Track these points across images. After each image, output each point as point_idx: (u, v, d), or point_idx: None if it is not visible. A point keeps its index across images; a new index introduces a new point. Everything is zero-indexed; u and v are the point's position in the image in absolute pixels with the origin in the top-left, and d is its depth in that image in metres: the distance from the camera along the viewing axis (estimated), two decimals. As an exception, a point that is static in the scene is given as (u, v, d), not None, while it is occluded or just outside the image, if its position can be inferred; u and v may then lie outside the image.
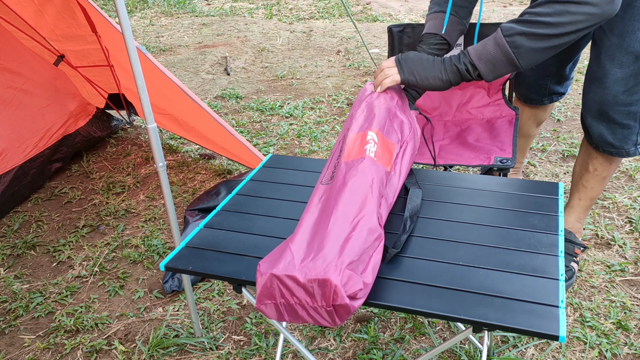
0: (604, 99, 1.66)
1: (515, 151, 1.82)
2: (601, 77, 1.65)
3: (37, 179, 2.61)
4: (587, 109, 1.72)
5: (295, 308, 0.98)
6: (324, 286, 0.95)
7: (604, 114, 1.68)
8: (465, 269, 1.10)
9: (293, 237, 1.06)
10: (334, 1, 6.28)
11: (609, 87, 1.63)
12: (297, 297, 0.97)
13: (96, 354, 1.73)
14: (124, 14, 1.27)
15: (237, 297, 1.93)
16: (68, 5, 2.55)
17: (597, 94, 1.67)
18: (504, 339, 1.69)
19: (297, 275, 0.96)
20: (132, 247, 2.22)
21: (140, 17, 5.91)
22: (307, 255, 1.00)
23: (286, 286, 0.97)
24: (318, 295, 0.96)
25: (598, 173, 1.82)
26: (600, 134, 1.72)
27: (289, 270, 0.97)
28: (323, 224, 1.06)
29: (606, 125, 1.70)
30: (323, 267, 0.96)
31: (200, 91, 3.80)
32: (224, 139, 2.47)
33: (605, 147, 1.74)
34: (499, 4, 5.91)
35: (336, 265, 0.96)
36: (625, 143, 1.71)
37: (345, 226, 1.04)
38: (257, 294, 1.00)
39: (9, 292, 2.01)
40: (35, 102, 2.62)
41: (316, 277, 0.95)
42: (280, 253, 1.03)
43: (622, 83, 1.61)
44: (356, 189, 1.11)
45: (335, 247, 1.00)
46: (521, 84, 2.07)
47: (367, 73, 4.02)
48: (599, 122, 1.71)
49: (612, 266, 1.96)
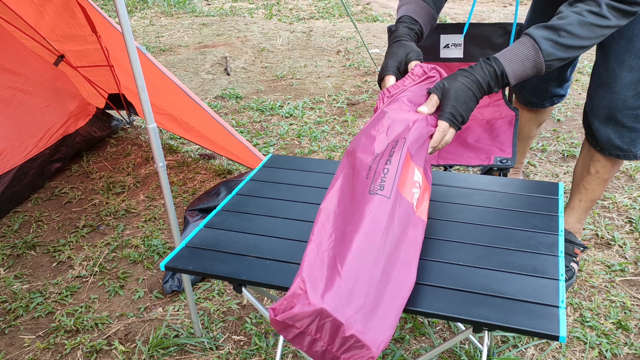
0: (613, 103, 1.64)
1: (515, 151, 1.82)
2: (610, 81, 1.63)
3: (37, 179, 2.61)
4: (595, 113, 1.70)
5: (314, 342, 0.91)
6: (359, 349, 0.89)
7: (613, 118, 1.66)
8: (465, 269, 1.10)
9: (343, 258, 0.95)
10: (334, 1, 6.28)
11: (618, 91, 1.62)
12: (325, 340, 0.90)
13: (96, 354, 1.73)
14: (124, 14, 1.27)
15: (237, 297, 1.93)
16: (68, 5, 2.55)
17: (606, 99, 1.65)
18: (504, 339, 1.69)
19: (344, 325, 0.88)
20: (132, 247, 2.22)
21: (140, 17, 5.91)
22: (363, 306, 0.91)
23: (324, 323, 0.89)
24: (346, 351, 0.90)
25: (600, 175, 1.81)
26: (608, 137, 1.71)
27: (339, 313, 0.89)
28: (384, 271, 0.97)
29: (614, 129, 1.68)
30: (371, 335, 0.89)
31: (200, 91, 3.80)
32: (224, 139, 2.47)
33: (612, 150, 1.73)
34: (499, 4, 5.91)
35: (382, 342, 0.90)
36: (634, 146, 1.70)
37: (402, 294, 0.98)
38: (288, 309, 0.91)
39: (9, 292, 2.01)
40: (35, 102, 2.62)
41: (360, 339, 0.88)
42: (328, 276, 0.93)
43: (631, 87, 1.60)
44: (412, 253, 1.05)
45: (390, 318, 0.93)
46: (523, 89, 2.06)
47: (367, 73, 4.02)
48: (606, 125, 1.69)
49: (612, 266, 1.96)
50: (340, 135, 3.06)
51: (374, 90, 3.70)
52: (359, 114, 3.33)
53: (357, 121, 3.23)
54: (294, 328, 0.91)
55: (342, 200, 1.09)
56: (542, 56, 1.25)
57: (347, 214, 1.05)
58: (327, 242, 1.00)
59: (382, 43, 4.67)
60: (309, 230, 1.25)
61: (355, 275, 0.93)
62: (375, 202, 1.02)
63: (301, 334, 0.91)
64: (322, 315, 0.88)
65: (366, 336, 0.89)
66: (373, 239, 0.98)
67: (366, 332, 0.89)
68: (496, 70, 1.25)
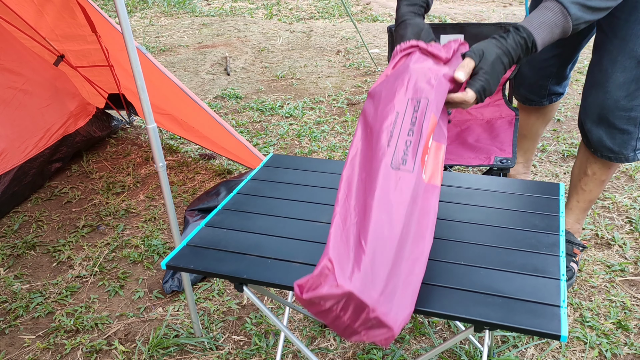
0: (605, 103, 1.63)
1: (515, 151, 1.82)
2: (602, 81, 1.62)
3: (37, 179, 2.61)
4: (587, 113, 1.70)
5: (337, 318, 0.93)
6: (380, 327, 0.91)
7: (604, 119, 1.66)
8: (466, 268, 1.10)
9: (366, 236, 0.95)
10: (334, 1, 6.28)
11: (610, 91, 1.61)
12: (348, 316, 0.92)
13: (96, 354, 1.73)
14: (124, 14, 1.27)
15: (237, 297, 1.93)
16: (68, 5, 2.55)
17: (598, 98, 1.64)
18: (504, 339, 1.69)
19: (369, 307, 0.90)
20: (132, 247, 2.22)
21: (140, 17, 5.91)
22: (385, 287, 0.93)
23: (350, 303, 0.91)
24: (369, 329, 0.92)
25: (597, 177, 1.80)
26: (600, 138, 1.70)
27: (365, 295, 0.90)
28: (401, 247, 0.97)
29: (605, 130, 1.67)
30: (392, 315, 0.91)
31: (200, 91, 3.80)
32: (224, 139, 2.47)
33: (604, 152, 1.72)
34: (499, 4, 5.91)
35: (402, 321, 0.93)
36: (625, 148, 1.68)
37: (415, 270, 0.99)
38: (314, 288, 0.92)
39: (9, 292, 2.01)
40: (35, 102, 2.62)
41: (383, 320, 0.90)
42: (355, 256, 0.94)
43: (624, 87, 1.59)
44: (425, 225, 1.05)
45: (407, 296, 0.96)
46: (521, 85, 2.05)
47: (367, 73, 4.02)
48: (598, 126, 1.68)
49: (612, 266, 1.96)
50: (340, 135, 3.06)
51: (373, 90, 3.70)
52: (359, 114, 3.33)
53: (357, 121, 3.23)
54: (319, 306, 0.92)
55: (363, 166, 1.07)
56: (570, 21, 1.23)
57: (368, 184, 1.03)
58: (352, 217, 1.00)
59: (382, 43, 4.67)
60: (310, 230, 1.26)
61: (378, 255, 0.94)
62: (396, 177, 1.01)
63: (326, 310, 0.93)
64: (349, 297, 0.90)
65: (388, 317, 0.91)
66: (394, 216, 0.98)
67: (388, 313, 0.92)
68: (527, 40, 1.22)
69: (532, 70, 1.97)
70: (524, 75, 2.01)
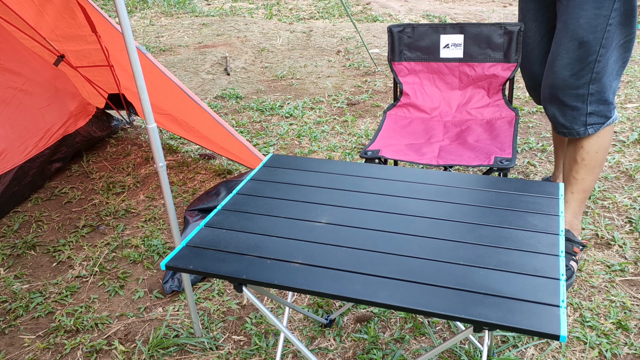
0: (555, 82, 1.77)
1: (515, 151, 1.82)
2: (552, 61, 1.76)
3: (37, 179, 2.61)
4: (542, 92, 1.84)
5: None
6: None
7: (555, 97, 1.79)
8: (465, 268, 1.10)
9: None
10: (334, 1, 6.28)
11: (557, 71, 1.75)
12: None
13: (96, 354, 1.73)
14: (124, 14, 1.27)
15: (237, 297, 1.93)
16: (68, 5, 2.55)
17: (549, 78, 1.78)
18: (504, 339, 1.69)
19: None
20: (132, 247, 2.22)
21: (140, 17, 5.91)
22: None
23: None
24: None
25: (586, 163, 1.87)
26: (554, 115, 1.83)
27: None
28: None
29: (557, 107, 1.81)
30: None
31: (200, 91, 3.80)
32: (224, 139, 2.47)
33: (559, 128, 1.85)
34: (499, 4, 5.91)
35: None
36: (575, 124, 1.80)
37: None
38: None
39: (9, 292, 2.01)
40: (35, 102, 2.62)
41: None
42: None
43: (568, 67, 1.72)
44: None
45: None
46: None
47: (367, 73, 4.02)
48: (551, 104, 1.82)
49: (612, 266, 1.96)
50: (340, 135, 3.06)
51: (374, 90, 3.70)
52: (359, 114, 3.33)
53: (357, 121, 3.23)
54: None
55: None
56: None
57: None
58: None
59: (382, 43, 4.67)
60: (309, 230, 1.26)
61: None
62: None
63: None
64: None
65: None
66: None
67: None
68: None
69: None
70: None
